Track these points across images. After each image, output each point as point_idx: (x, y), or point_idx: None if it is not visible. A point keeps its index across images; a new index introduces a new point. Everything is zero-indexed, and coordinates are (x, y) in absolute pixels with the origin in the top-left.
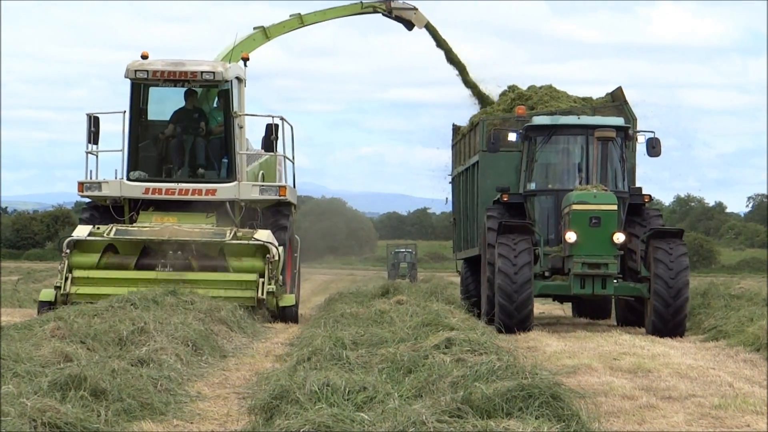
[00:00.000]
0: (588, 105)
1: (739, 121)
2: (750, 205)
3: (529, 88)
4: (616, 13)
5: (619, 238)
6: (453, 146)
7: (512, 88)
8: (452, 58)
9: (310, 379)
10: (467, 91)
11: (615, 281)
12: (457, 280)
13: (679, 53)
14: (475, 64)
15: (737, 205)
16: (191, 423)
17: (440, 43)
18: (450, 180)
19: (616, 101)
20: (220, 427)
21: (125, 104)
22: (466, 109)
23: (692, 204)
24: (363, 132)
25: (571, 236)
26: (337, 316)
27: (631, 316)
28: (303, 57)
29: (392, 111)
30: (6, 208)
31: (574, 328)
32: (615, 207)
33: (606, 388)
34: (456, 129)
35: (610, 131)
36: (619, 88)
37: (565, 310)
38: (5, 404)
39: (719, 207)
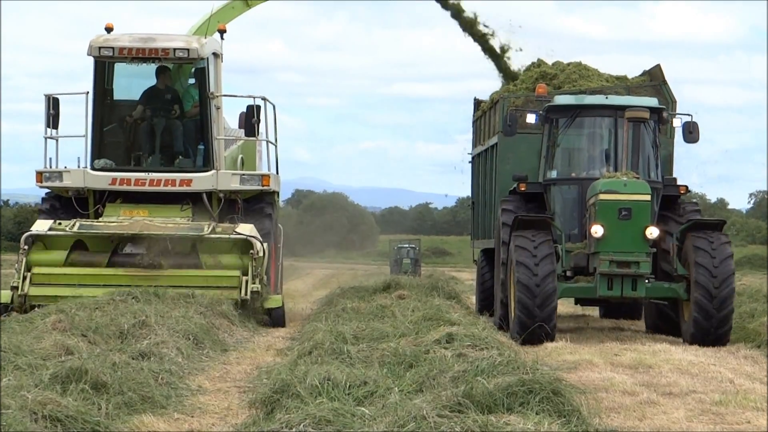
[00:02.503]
0: (622, 84)
1: (742, 117)
2: (751, 202)
3: (554, 64)
4: (621, 9)
5: (653, 232)
6: (473, 123)
7: (537, 64)
8: (461, 17)
9: (311, 373)
10: (490, 62)
11: (647, 282)
12: (459, 275)
13: (683, 50)
14: (478, 59)
15: (739, 201)
16: (192, 416)
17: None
18: (470, 160)
19: (654, 80)
20: (221, 420)
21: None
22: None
23: (694, 200)
24: (365, 127)
25: (597, 230)
26: (339, 310)
27: (664, 323)
28: (306, 51)
29: (395, 106)
30: (8, 200)
31: (575, 323)
32: (648, 197)
33: (607, 384)
34: (477, 104)
35: (643, 111)
36: (658, 66)
37: (585, 310)
38: (6, 397)
39: (721, 203)
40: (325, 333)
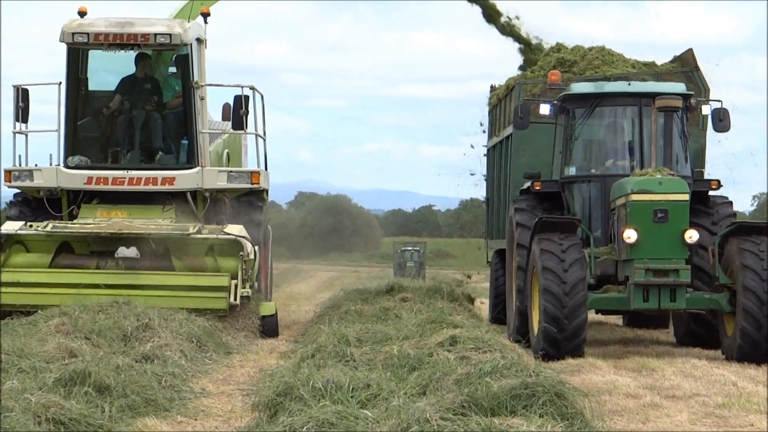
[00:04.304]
0: (650, 71)
1: (746, 119)
2: (755, 204)
3: (574, 49)
4: (626, 9)
5: (693, 236)
6: (489, 112)
7: (556, 49)
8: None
9: (315, 376)
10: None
11: (686, 292)
12: (463, 277)
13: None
14: (483, 60)
15: (742, 203)
16: (195, 419)
17: None
18: (485, 153)
19: (686, 66)
20: (224, 423)
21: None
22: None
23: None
24: (369, 128)
25: (630, 235)
26: (342, 313)
27: (698, 335)
28: (311, 53)
29: (399, 107)
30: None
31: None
32: (686, 196)
33: (610, 387)
34: (493, 90)
35: (675, 100)
36: (690, 51)
37: (607, 318)
38: (10, 400)
39: None
40: (329, 335)
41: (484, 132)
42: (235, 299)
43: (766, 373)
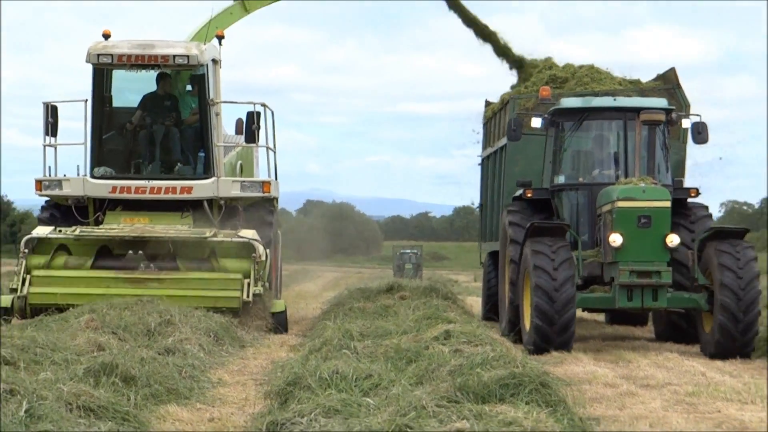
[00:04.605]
0: (635, 87)
1: (714, 133)
2: (722, 211)
3: (564, 67)
4: (605, 35)
5: (674, 240)
6: (484, 124)
7: (548, 66)
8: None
9: (321, 367)
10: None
11: (667, 292)
12: (457, 277)
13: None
14: (476, 80)
15: (711, 210)
16: (213, 406)
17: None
18: (479, 162)
19: (668, 84)
20: (239, 410)
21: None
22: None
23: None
24: (371, 142)
25: (615, 239)
26: (346, 310)
27: (675, 332)
28: (318, 74)
29: (398, 123)
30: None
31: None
32: (668, 203)
33: (590, 377)
34: (488, 105)
35: (659, 114)
36: (672, 70)
37: (591, 315)
38: (44, 389)
39: None
40: (334, 330)
41: (478, 143)
42: (248, 297)
43: (733, 365)
